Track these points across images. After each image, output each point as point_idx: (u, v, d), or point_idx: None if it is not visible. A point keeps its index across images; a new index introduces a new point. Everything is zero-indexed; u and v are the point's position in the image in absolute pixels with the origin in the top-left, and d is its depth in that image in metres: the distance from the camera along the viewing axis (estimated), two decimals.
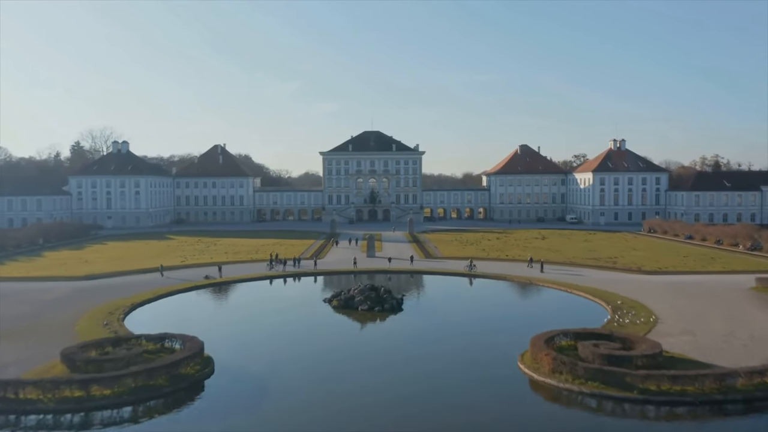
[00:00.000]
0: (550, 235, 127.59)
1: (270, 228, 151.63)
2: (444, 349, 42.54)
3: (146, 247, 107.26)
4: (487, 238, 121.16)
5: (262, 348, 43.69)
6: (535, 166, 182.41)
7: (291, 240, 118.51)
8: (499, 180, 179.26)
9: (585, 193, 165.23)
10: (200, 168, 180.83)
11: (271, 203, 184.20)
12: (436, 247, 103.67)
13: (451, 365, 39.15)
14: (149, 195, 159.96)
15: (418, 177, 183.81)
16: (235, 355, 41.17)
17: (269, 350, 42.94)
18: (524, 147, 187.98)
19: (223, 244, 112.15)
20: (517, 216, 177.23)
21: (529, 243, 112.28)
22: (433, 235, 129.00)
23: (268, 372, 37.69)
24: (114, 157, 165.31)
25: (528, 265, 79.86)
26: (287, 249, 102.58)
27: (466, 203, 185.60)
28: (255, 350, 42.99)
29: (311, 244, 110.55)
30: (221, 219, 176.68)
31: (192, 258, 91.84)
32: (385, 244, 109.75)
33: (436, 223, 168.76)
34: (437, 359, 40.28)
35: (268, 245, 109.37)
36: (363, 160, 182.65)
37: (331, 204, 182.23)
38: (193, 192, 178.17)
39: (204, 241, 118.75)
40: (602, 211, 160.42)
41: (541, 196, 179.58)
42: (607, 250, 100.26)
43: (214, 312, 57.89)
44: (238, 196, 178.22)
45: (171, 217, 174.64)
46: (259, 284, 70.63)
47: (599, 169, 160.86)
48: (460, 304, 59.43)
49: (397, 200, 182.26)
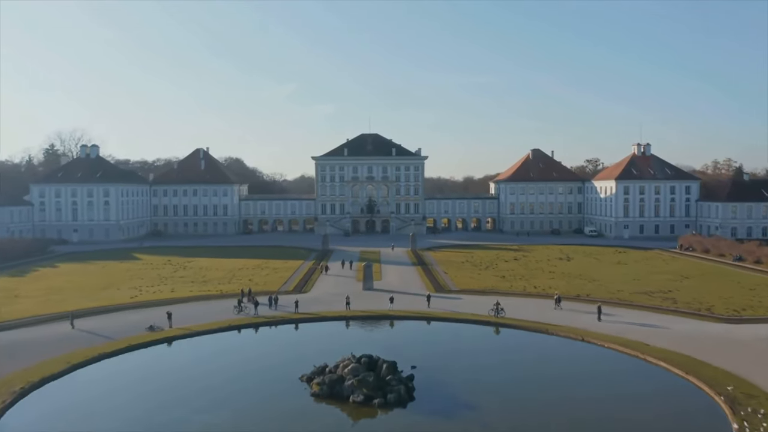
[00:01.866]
0: (575, 254, 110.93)
1: (255, 242, 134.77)
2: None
3: (102, 273, 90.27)
4: (503, 258, 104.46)
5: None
6: (549, 172, 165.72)
7: (275, 261, 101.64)
8: (510, 188, 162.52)
9: (606, 204, 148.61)
10: (180, 174, 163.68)
11: (258, 213, 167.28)
12: (446, 273, 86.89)
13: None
14: (120, 205, 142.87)
15: (420, 184, 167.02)
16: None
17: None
18: (536, 151, 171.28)
19: (194, 267, 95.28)
20: (530, 227, 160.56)
21: (553, 266, 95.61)
22: (440, 254, 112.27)
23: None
24: (82, 163, 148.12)
25: (555, 306, 63.07)
26: (268, 275, 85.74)
27: (473, 213, 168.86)
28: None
29: (297, 268, 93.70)
30: (203, 231, 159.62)
31: (149, 289, 74.98)
32: (386, 268, 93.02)
33: (440, 236, 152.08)
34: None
35: (246, 269, 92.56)
36: (360, 166, 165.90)
37: (325, 214, 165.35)
38: (171, 201, 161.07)
39: (174, 262, 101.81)
40: (626, 224, 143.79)
41: (555, 205, 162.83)
42: (652, 278, 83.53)
43: (133, 403, 37.93)
44: (221, 206, 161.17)
45: (147, 228, 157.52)
46: (219, 340, 53.14)
47: (623, 177, 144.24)
48: (496, 387, 39.97)
49: (397, 210, 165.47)
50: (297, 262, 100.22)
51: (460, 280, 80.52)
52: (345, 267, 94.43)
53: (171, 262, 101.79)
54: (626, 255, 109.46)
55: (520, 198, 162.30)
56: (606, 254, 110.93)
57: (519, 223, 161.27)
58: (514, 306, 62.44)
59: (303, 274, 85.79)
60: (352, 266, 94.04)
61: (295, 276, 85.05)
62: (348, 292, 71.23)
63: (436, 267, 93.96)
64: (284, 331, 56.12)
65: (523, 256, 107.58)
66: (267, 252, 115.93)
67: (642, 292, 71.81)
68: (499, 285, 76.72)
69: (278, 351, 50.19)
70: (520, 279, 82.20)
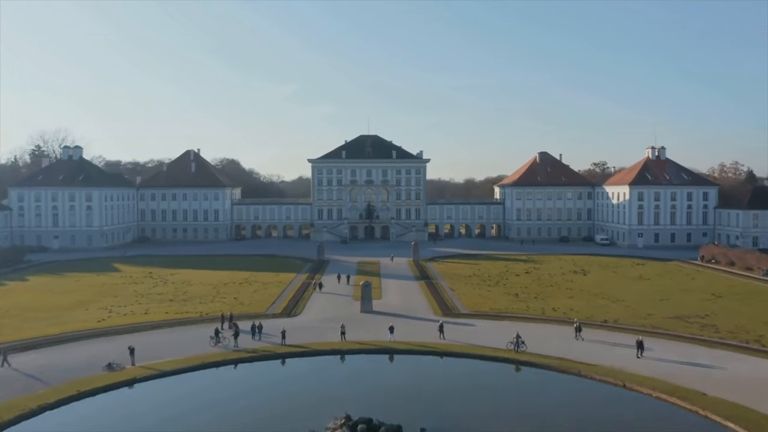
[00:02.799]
0: (590, 266, 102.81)
1: (247, 250, 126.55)
2: None
3: (74, 288, 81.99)
4: (513, 271, 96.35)
5: None
6: (557, 176, 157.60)
7: (265, 274, 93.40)
8: (516, 192, 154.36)
9: (619, 210, 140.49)
10: (169, 177, 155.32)
11: (252, 218, 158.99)
12: (452, 291, 78.70)
13: None
14: (104, 210, 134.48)
15: (422, 189, 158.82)
16: None
17: None
18: (544, 155, 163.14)
19: (176, 281, 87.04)
20: (537, 234, 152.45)
21: (569, 281, 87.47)
22: (444, 266, 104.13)
23: None
24: (63, 165, 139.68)
25: (576, 335, 54.80)
26: (255, 292, 77.50)
27: (477, 219, 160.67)
28: None
29: (290, 283, 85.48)
30: (193, 237, 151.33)
31: (121, 310, 66.79)
32: (386, 284, 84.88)
33: (442, 243, 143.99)
34: None
35: (233, 284, 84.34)
36: (358, 169, 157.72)
37: (321, 219, 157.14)
38: (159, 205, 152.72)
39: (156, 274, 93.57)
40: (640, 232, 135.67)
41: (564, 211, 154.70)
42: (681, 297, 75.41)
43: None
44: (212, 210, 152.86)
45: (133, 235, 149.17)
46: (189, 383, 44.42)
47: (637, 182, 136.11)
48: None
49: (397, 215, 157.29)
50: (289, 276, 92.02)
51: (470, 300, 72.29)
52: (341, 281, 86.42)
53: (152, 274, 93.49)
54: (646, 268, 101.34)
55: (526, 203, 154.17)
56: (623, 267, 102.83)
57: (525, 229, 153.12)
58: (535, 336, 54.21)
59: (294, 291, 77.48)
60: (349, 280, 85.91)
61: (285, 293, 76.75)
62: (344, 315, 63.23)
63: (442, 282, 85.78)
64: (268, 372, 47.57)
65: (534, 269, 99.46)
66: (258, 263, 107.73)
67: (675, 316, 63.63)
68: (513, 306, 68.55)
69: (258, 405, 40.38)
70: (536, 298, 74.05)
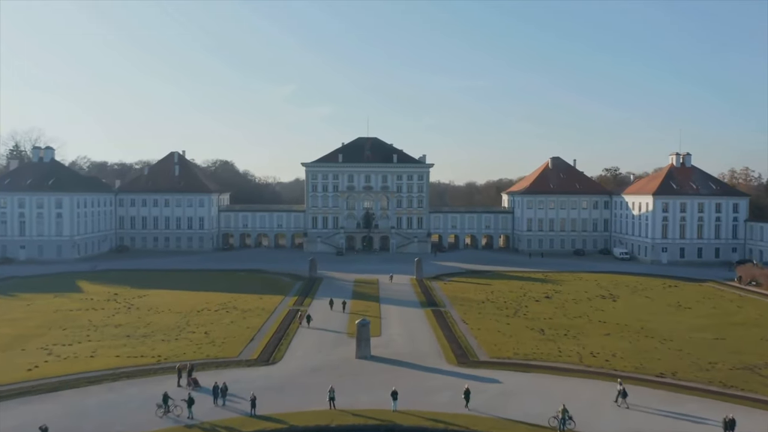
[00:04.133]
0: (617, 288, 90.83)
1: (232, 264, 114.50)
2: None
3: (21, 314, 69.78)
4: (531, 295, 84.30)
5: None
6: (571, 183, 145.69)
7: (248, 297, 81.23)
8: (527, 201, 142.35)
9: (640, 222, 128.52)
10: (150, 181, 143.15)
11: (240, 226, 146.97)
12: (465, 324, 66.56)
13: None
14: (76, 218, 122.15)
15: (425, 196, 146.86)
16: None
17: None
18: (556, 160, 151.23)
19: (143, 306, 74.88)
20: (549, 247, 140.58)
21: (599, 309, 75.44)
22: (452, 286, 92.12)
23: None
24: (32, 168, 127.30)
25: (618, 400, 42.21)
26: (232, 324, 65.31)
27: (484, 229, 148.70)
28: None
29: (274, 310, 73.31)
30: (175, 247, 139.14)
31: (65, 351, 54.68)
32: (387, 313, 72.82)
33: (447, 256, 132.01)
34: None
35: (207, 311, 72.16)
36: (356, 174, 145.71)
37: (316, 228, 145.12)
38: (140, 212, 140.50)
39: (122, 296, 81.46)
40: (665, 246, 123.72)
41: (579, 222, 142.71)
42: (739, 335, 63.30)
43: None
44: (197, 218, 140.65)
45: (111, 244, 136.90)
46: None
47: (661, 192, 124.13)
48: None
49: (398, 224, 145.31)
50: (275, 299, 79.89)
51: (488, 338, 60.12)
52: (335, 307, 74.46)
53: (117, 297, 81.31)
54: (681, 292, 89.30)
55: (538, 213, 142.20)
56: (654, 289, 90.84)
57: (537, 241, 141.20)
58: (580, 402, 42.10)
59: (277, 324, 65.09)
60: (345, 307, 73.84)
61: (267, 327, 64.44)
62: (335, 362, 51.32)
63: (451, 311, 73.66)
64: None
65: (554, 292, 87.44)
66: (241, 281, 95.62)
67: (744, 366, 51.52)
68: (542, 349, 56.44)
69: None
70: (566, 335, 61.97)
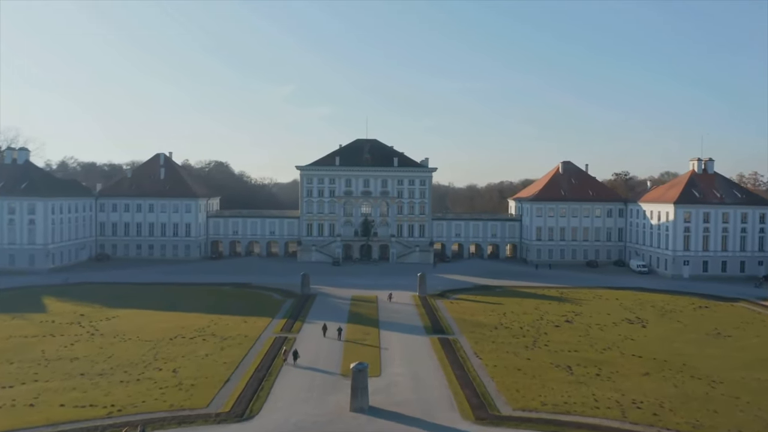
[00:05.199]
0: (642, 309, 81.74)
1: (218, 276, 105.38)
2: None
3: None
4: (549, 319, 75.12)
5: None
6: (584, 190, 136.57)
7: (230, 319, 72.01)
8: (536, 208, 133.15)
9: (660, 233, 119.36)
10: (134, 185, 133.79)
11: (230, 233, 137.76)
12: (478, 358, 57.42)
13: None
14: (51, 224, 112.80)
15: (427, 202, 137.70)
16: None
17: None
18: (567, 164, 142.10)
19: (109, 331, 65.65)
20: (560, 257, 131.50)
21: (629, 338, 66.28)
22: (459, 306, 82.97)
23: None
24: (4, 171, 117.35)
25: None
26: (206, 358, 56.02)
27: (490, 237, 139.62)
28: None
29: (257, 338, 64.10)
30: (160, 255, 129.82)
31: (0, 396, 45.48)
32: (387, 342, 63.72)
33: (451, 266, 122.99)
34: None
35: (181, 338, 62.93)
36: (354, 178, 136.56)
37: (311, 236, 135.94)
38: (122, 218, 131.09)
39: (89, 317, 72.27)
40: (686, 259, 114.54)
41: (591, 231, 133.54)
42: None
43: None
44: (183, 224, 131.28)
45: (90, 252, 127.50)
46: None
47: (683, 200, 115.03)
48: None
49: (398, 232, 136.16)
50: (261, 323, 70.67)
51: (507, 380, 50.82)
52: (329, 333, 65.50)
53: (83, 318, 72.07)
54: (713, 314, 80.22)
55: (548, 221, 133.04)
56: (684, 311, 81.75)
57: (547, 251, 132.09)
58: None
59: (259, 360, 55.44)
60: (340, 334, 64.63)
61: (246, 363, 54.98)
62: (325, 415, 42.26)
63: (461, 339, 64.48)
64: None
65: (574, 314, 78.30)
66: (225, 298, 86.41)
67: None
68: (573, 396, 47.26)
69: None
70: (598, 375, 52.76)
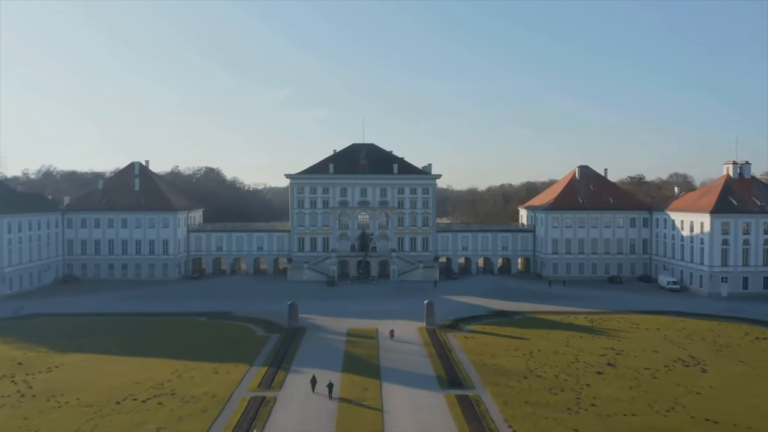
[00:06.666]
0: (691, 342, 68.88)
1: (194, 304, 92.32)
2: None
3: None
4: (587, 360, 62.13)
5: None
6: (604, 197, 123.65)
7: (198, 366, 58.82)
8: (552, 218, 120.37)
9: (693, 245, 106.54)
10: (105, 198, 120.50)
11: (213, 249, 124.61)
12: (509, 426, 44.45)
13: None
14: (8, 244, 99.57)
15: (431, 212, 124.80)
16: None
17: None
18: (585, 169, 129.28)
19: (47, 388, 52.47)
20: (579, 272, 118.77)
21: (693, 391, 53.29)
22: (475, 343, 69.97)
23: None
24: None
25: None
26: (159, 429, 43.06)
27: (500, 250, 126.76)
28: None
29: (227, 401, 50.95)
30: (135, 276, 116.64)
31: None
32: (390, 399, 50.70)
33: (459, 285, 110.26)
34: None
35: (135, 399, 49.69)
36: (350, 187, 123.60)
37: (303, 251, 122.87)
38: (92, 234, 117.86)
39: (28, 367, 59.15)
40: (724, 276, 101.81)
41: (613, 242, 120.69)
42: None
43: None
44: (160, 241, 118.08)
45: (57, 274, 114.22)
46: None
47: (720, 209, 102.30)
48: None
49: (399, 246, 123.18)
50: (236, 373, 57.49)
51: None
52: (318, 388, 52.66)
53: (20, 369, 58.82)
54: None
55: (565, 232, 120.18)
56: (742, 344, 68.91)
57: (564, 266, 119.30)
58: None
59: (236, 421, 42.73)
60: (331, 391, 51.60)
61: None
62: None
63: (485, 397, 51.38)
64: None
65: (614, 353, 65.25)
66: (200, 334, 73.22)
67: None
68: None
69: None
70: None
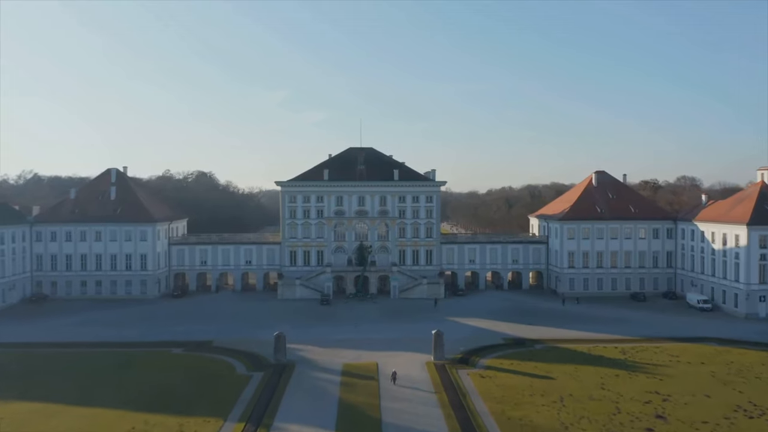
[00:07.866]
0: (744, 379, 58.42)
1: (170, 331, 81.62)
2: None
3: None
4: (630, 410, 51.52)
5: None
6: (624, 206, 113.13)
7: (162, 421, 48.14)
8: (568, 229, 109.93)
9: (725, 259, 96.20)
10: (78, 208, 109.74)
11: (197, 263, 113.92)
12: None
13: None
14: None
15: (435, 222, 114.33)
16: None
17: None
18: (602, 175, 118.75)
19: None
20: (597, 288, 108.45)
21: None
22: (494, 385, 59.37)
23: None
24: None
25: None
26: None
27: (510, 264, 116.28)
28: None
29: None
30: (110, 293, 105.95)
31: None
32: None
33: (466, 303, 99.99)
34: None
35: None
36: (347, 195, 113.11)
37: (294, 266, 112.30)
38: (63, 248, 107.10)
39: None
40: (763, 294, 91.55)
41: (635, 255, 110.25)
42: None
43: None
44: (138, 255, 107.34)
45: (24, 292, 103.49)
46: None
47: (758, 220, 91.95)
48: None
49: (401, 260, 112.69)
50: (206, 429, 46.81)
51: None
52: None
53: None
54: None
55: (582, 244, 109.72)
56: None
57: (581, 281, 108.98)
58: None
59: None
60: None
61: None
62: None
63: None
64: None
65: (660, 398, 54.75)
66: (169, 373, 62.39)
67: None
68: None
69: None
70: None
